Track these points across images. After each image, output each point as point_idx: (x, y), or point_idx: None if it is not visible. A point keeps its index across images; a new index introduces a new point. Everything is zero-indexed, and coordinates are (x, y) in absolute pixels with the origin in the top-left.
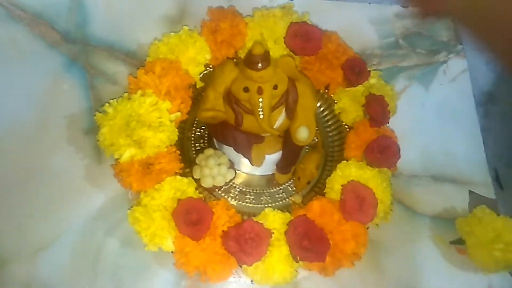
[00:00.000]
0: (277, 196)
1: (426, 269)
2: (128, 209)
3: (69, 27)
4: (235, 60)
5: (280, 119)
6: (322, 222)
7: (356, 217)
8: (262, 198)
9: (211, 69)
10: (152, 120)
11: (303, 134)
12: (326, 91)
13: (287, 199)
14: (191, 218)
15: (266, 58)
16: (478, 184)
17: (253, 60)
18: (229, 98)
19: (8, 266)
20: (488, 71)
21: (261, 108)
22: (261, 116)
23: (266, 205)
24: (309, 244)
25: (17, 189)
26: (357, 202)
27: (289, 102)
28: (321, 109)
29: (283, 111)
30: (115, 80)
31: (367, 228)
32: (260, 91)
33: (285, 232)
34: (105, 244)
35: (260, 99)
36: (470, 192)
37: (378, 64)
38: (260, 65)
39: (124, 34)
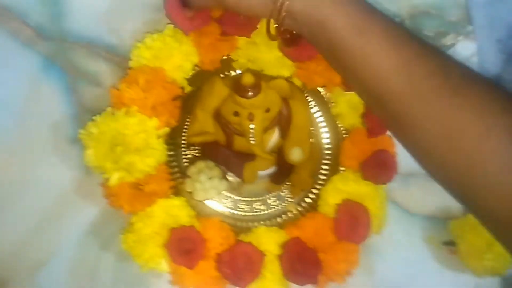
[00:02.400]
0: (269, 202)
1: (417, 270)
2: (121, 228)
3: (43, 21)
4: (223, 76)
5: (273, 139)
6: (315, 241)
7: (349, 238)
8: (255, 205)
9: (198, 69)
10: (138, 143)
11: (296, 156)
12: (323, 89)
13: (280, 206)
14: (184, 248)
15: (257, 86)
16: None
17: (243, 89)
18: (219, 119)
19: (8, 286)
20: (497, 52)
21: (252, 134)
22: (253, 142)
23: (260, 213)
24: (302, 268)
25: (6, 204)
26: (351, 224)
27: (282, 122)
28: (316, 109)
29: (276, 130)
30: (98, 81)
31: None
32: (251, 117)
33: (279, 256)
34: (102, 258)
35: (251, 125)
36: None
37: None
38: (250, 93)
39: (103, 26)
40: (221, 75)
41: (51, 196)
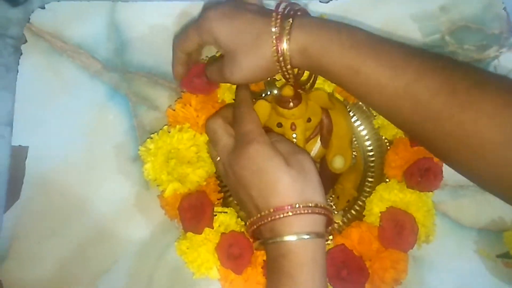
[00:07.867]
0: None
1: (470, 284)
2: (176, 239)
3: (109, 55)
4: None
5: (315, 148)
6: (361, 249)
7: (395, 246)
8: None
9: None
10: (190, 156)
11: (338, 164)
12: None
13: None
14: (233, 253)
15: (297, 97)
16: None
17: (284, 100)
18: (265, 131)
19: None
20: None
21: (295, 143)
22: None
23: None
24: (348, 275)
25: (74, 217)
26: (396, 230)
27: (323, 132)
28: (359, 123)
29: (318, 140)
30: (156, 105)
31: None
32: (293, 127)
33: None
34: (158, 267)
35: (294, 135)
36: None
37: None
38: (291, 104)
39: (161, 57)
40: (264, 95)
41: (114, 209)
